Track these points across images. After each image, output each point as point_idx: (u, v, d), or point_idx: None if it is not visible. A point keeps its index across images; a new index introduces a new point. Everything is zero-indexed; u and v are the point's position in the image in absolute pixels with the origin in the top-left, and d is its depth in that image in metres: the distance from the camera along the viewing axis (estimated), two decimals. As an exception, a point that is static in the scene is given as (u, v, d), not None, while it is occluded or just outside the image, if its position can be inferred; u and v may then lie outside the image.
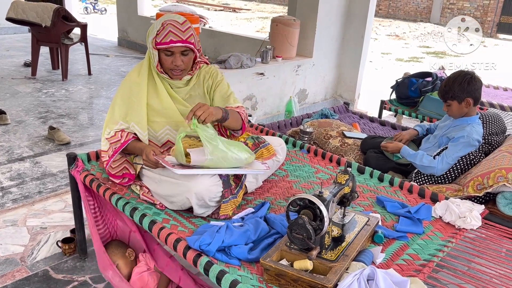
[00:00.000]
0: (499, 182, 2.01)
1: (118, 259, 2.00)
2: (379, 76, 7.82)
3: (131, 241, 2.15)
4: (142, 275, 1.96)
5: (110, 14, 13.58)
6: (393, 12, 18.84)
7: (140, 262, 2.02)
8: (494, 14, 15.84)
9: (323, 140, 2.96)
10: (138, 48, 7.91)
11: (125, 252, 2.05)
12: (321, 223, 1.37)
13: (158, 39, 1.84)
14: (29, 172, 3.20)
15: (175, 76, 1.95)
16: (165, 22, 1.85)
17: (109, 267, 1.94)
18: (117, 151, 1.93)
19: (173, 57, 1.88)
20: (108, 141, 1.95)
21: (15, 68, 6.10)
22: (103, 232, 2.15)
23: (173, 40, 1.83)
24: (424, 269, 1.50)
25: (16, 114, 4.36)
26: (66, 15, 5.49)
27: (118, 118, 1.95)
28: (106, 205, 2.15)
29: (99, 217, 2.13)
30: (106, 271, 1.96)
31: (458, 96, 2.38)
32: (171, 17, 1.89)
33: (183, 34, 1.85)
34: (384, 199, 2.00)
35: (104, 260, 1.96)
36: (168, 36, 1.83)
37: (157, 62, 1.92)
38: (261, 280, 1.43)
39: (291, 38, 4.72)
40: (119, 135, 1.94)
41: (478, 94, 2.40)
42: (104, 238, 2.15)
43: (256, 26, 13.93)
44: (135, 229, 2.02)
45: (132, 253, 2.06)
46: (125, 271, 1.98)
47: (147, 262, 2.00)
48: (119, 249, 2.06)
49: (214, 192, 1.78)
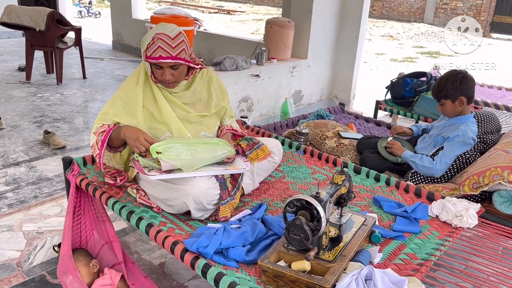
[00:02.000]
0: (495, 181, 2.02)
1: (81, 266, 1.96)
2: (374, 76, 7.85)
3: (100, 254, 2.11)
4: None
5: (104, 18, 13.56)
6: (386, 13, 18.91)
7: (104, 275, 1.98)
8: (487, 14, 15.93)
9: (319, 141, 2.96)
10: (133, 51, 7.90)
11: (90, 262, 2.01)
12: (318, 223, 1.38)
13: (148, 52, 1.83)
14: (25, 176, 3.19)
15: (167, 87, 1.94)
16: (156, 36, 1.81)
17: (70, 272, 1.89)
18: (104, 140, 1.86)
19: (162, 71, 1.87)
20: (95, 134, 1.91)
21: (9, 73, 6.07)
22: (75, 239, 2.12)
23: (162, 56, 1.81)
24: (422, 268, 1.50)
25: (11, 118, 4.34)
26: (60, 19, 5.47)
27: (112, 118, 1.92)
28: (88, 213, 2.13)
29: (76, 222, 2.10)
30: (65, 275, 1.91)
31: (451, 95, 2.40)
32: (164, 29, 1.84)
33: (173, 50, 1.82)
34: (380, 199, 2.00)
35: (67, 265, 1.91)
36: (157, 51, 1.80)
37: (151, 73, 1.91)
38: (259, 282, 1.43)
39: (286, 40, 4.72)
40: (106, 126, 1.90)
41: (471, 93, 2.41)
42: (74, 245, 2.10)
43: (250, 28, 13.95)
44: (115, 240, 2.00)
45: (97, 265, 2.02)
46: (86, 280, 1.94)
47: (112, 277, 1.97)
48: (84, 257, 2.02)
49: (212, 194, 1.78)
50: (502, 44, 13.90)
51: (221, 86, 2.15)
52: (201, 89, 2.05)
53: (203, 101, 2.06)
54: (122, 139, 1.86)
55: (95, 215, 2.11)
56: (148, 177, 1.72)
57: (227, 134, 2.13)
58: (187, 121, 1.98)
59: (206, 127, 2.06)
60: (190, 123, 2.00)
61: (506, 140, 2.44)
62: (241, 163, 1.96)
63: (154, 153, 1.72)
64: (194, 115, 2.00)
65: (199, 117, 2.02)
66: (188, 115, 1.99)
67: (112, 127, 1.89)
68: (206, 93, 2.07)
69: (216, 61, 4.18)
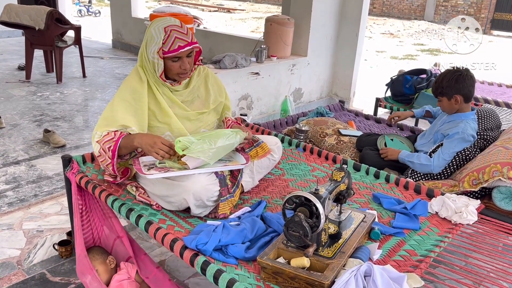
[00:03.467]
0: (494, 177, 2.01)
1: (98, 264, 1.98)
2: (374, 74, 7.84)
3: (114, 248, 2.13)
4: (122, 283, 1.94)
5: (104, 17, 13.54)
6: (387, 11, 18.88)
7: (121, 270, 2.00)
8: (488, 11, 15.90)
9: (318, 138, 2.96)
10: (133, 50, 7.89)
11: (106, 259, 2.03)
12: (317, 220, 1.37)
13: (165, 48, 1.81)
14: (25, 175, 3.19)
15: (182, 79, 1.94)
16: (167, 29, 1.81)
17: (88, 272, 1.91)
18: (115, 149, 1.79)
19: (180, 62, 1.87)
20: (99, 144, 1.82)
21: (9, 72, 6.07)
22: (87, 237, 2.13)
23: (181, 45, 1.82)
24: (421, 264, 1.50)
25: (11, 117, 4.34)
26: (60, 18, 5.46)
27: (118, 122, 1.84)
28: (95, 209, 2.14)
29: (85, 221, 2.12)
30: (84, 275, 1.93)
31: (446, 93, 2.42)
32: (169, 22, 1.85)
33: (187, 37, 1.84)
34: (380, 196, 2.00)
35: (84, 264, 1.93)
36: (175, 42, 1.81)
37: (162, 71, 1.87)
38: (258, 279, 1.43)
39: (286, 38, 4.72)
40: (112, 133, 1.82)
41: (467, 91, 2.41)
42: (88, 243, 2.12)
43: (250, 26, 13.93)
44: (124, 235, 2.01)
45: (113, 261, 2.04)
46: (104, 278, 1.95)
47: (128, 271, 1.98)
48: (100, 255, 2.04)
49: (212, 191, 1.78)
50: (503, 41, 13.88)
51: (218, 82, 2.16)
52: (198, 86, 2.06)
53: (201, 98, 2.06)
54: (134, 147, 1.81)
55: (102, 211, 2.12)
56: (147, 176, 1.72)
57: (235, 125, 2.15)
58: (187, 119, 1.99)
59: (205, 124, 2.07)
60: (190, 120, 2.00)
61: (506, 136, 2.44)
62: (241, 158, 1.97)
63: (180, 151, 1.72)
64: (193, 113, 2.01)
65: (198, 115, 2.03)
66: (187, 113, 1.99)
67: (120, 135, 1.82)
68: (204, 90, 2.08)
69: (216, 59, 4.18)
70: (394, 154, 2.53)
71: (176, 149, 1.74)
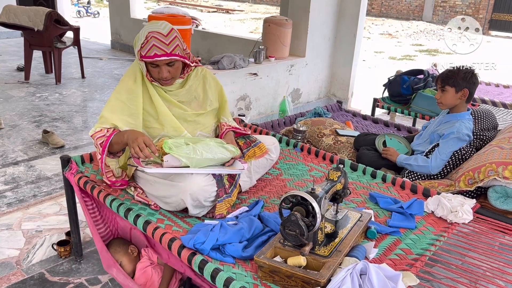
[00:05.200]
0: (490, 176, 2.03)
1: (121, 256, 2.02)
2: (372, 74, 7.86)
3: (132, 237, 2.16)
4: (146, 270, 1.98)
5: (103, 17, 13.55)
6: (385, 11, 18.91)
7: (143, 257, 2.03)
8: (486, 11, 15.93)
9: (316, 138, 2.97)
10: (131, 50, 7.90)
11: (128, 249, 2.06)
12: (313, 219, 1.39)
13: (142, 52, 1.82)
14: (24, 176, 3.20)
15: (164, 84, 1.94)
16: (149, 35, 1.81)
17: (113, 266, 1.96)
18: (105, 146, 1.84)
19: (158, 69, 1.87)
20: (93, 138, 1.88)
21: (8, 73, 6.08)
22: (104, 231, 2.15)
23: (157, 54, 1.80)
24: (417, 263, 1.52)
25: (10, 118, 4.35)
26: (59, 19, 5.47)
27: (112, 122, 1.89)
28: (104, 204, 2.15)
29: (98, 217, 2.13)
30: (110, 269, 1.98)
31: (458, 84, 2.42)
32: (156, 27, 1.84)
33: (167, 47, 1.81)
34: (376, 195, 2.02)
35: (107, 259, 1.97)
36: (152, 50, 1.80)
37: (146, 72, 1.91)
38: (255, 277, 1.44)
39: (284, 38, 4.73)
40: (105, 130, 1.88)
41: (474, 90, 2.46)
42: (106, 237, 2.15)
43: (249, 27, 13.94)
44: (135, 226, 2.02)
45: (135, 250, 2.07)
46: (129, 268, 2.00)
47: (150, 256, 2.01)
48: (121, 246, 2.07)
49: (209, 192, 1.79)
50: (501, 41, 13.91)
51: (217, 83, 2.16)
52: (196, 87, 2.06)
53: (198, 100, 2.06)
54: (124, 143, 1.83)
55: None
56: (145, 170, 1.72)
57: (229, 133, 2.13)
58: (184, 120, 1.99)
59: (202, 126, 2.07)
60: (187, 121, 2.01)
61: (502, 136, 2.45)
62: (239, 164, 1.98)
63: (167, 148, 1.73)
64: (190, 114, 2.01)
65: (195, 116, 2.03)
66: (185, 113, 1.99)
67: (112, 132, 1.86)
68: (202, 91, 2.08)
69: (214, 59, 4.19)
70: (393, 155, 2.54)
71: (164, 144, 1.75)
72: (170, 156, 1.74)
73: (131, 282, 1.91)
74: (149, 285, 1.97)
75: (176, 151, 1.74)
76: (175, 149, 1.74)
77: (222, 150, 1.88)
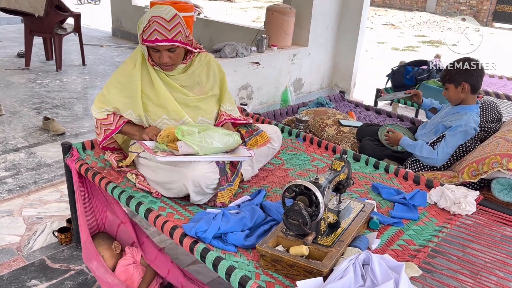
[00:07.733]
0: (493, 168, 2.02)
1: (103, 250, 2.00)
2: (375, 65, 7.81)
3: (118, 234, 2.15)
4: (127, 268, 1.96)
5: (104, 4, 13.44)
6: (389, 1, 18.77)
7: (126, 254, 2.02)
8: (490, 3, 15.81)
9: (318, 128, 2.96)
10: (133, 38, 7.85)
11: (111, 245, 2.04)
12: (316, 209, 1.38)
13: (144, 36, 1.82)
14: (24, 162, 3.19)
15: (165, 69, 1.94)
16: (152, 19, 1.80)
17: (94, 258, 1.93)
18: (108, 137, 1.99)
19: (159, 54, 1.86)
20: (99, 122, 2.00)
21: (8, 59, 6.04)
22: (91, 223, 2.15)
23: (158, 39, 1.80)
24: (419, 254, 1.51)
25: (10, 105, 4.33)
26: (59, 5, 5.42)
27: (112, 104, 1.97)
28: (97, 196, 2.15)
29: (88, 208, 2.13)
30: (90, 262, 1.95)
31: (454, 80, 2.40)
32: (159, 12, 1.82)
33: (169, 33, 1.80)
34: (379, 186, 2.01)
35: (89, 251, 1.95)
36: (153, 34, 1.79)
37: (148, 56, 1.91)
38: (257, 266, 1.44)
39: (287, 27, 4.69)
40: (111, 118, 1.97)
41: (475, 81, 2.39)
42: (92, 229, 2.14)
43: (251, 16, 13.85)
44: (126, 221, 2.01)
45: (118, 246, 2.06)
46: (110, 263, 1.98)
47: (133, 255, 2.00)
48: (105, 240, 2.06)
49: (211, 178, 1.78)
50: (505, 33, 13.82)
51: (220, 69, 2.14)
52: (199, 73, 2.04)
53: (201, 85, 2.05)
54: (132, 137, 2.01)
55: (104, 198, 2.13)
56: (157, 158, 1.73)
57: (227, 124, 2.12)
58: (185, 105, 1.98)
59: (204, 112, 2.06)
60: (188, 106, 1.99)
61: (506, 128, 2.44)
62: (244, 151, 1.97)
63: (179, 135, 1.75)
64: (192, 98, 2.00)
65: (197, 101, 2.02)
66: (186, 98, 1.98)
67: (121, 124, 1.97)
68: (205, 77, 2.06)
69: (216, 48, 4.16)
70: (397, 136, 2.53)
71: (177, 129, 1.78)
72: (183, 142, 1.75)
73: (112, 276, 1.89)
74: (129, 283, 1.94)
75: (188, 138, 1.75)
76: (187, 136, 1.76)
77: (228, 138, 1.89)
